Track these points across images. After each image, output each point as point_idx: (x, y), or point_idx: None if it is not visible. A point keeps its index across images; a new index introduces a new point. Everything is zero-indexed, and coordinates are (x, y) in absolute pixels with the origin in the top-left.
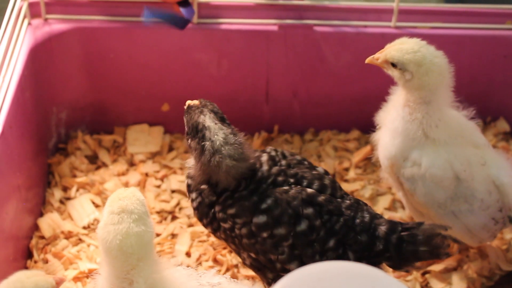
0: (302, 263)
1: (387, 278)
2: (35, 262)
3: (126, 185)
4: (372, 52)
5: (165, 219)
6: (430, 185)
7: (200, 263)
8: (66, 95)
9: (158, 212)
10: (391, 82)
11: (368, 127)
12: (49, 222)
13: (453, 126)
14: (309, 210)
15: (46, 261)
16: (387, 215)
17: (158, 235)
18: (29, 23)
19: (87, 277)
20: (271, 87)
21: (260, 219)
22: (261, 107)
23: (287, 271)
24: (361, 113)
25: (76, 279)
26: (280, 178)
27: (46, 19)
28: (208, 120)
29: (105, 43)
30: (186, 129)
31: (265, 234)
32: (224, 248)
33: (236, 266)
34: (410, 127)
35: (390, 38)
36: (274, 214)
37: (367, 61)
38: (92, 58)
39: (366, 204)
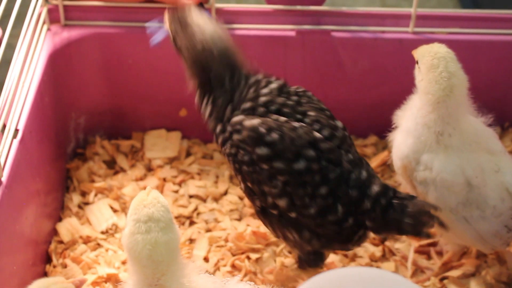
0: (291, 201)
1: (406, 282)
2: (54, 266)
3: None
4: (390, 58)
5: (183, 224)
6: (441, 190)
7: (218, 269)
8: (84, 100)
9: (176, 217)
10: (408, 87)
11: (386, 133)
12: (67, 227)
13: (468, 132)
14: (310, 153)
15: (65, 266)
16: None
17: None
18: (48, 29)
19: (106, 281)
20: None
21: (263, 150)
22: None
23: (276, 206)
24: (378, 119)
25: (94, 283)
26: (286, 110)
27: (65, 25)
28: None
29: (123, 49)
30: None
31: (264, 166)
32: (243, 253)
33: (255, 273)
34: (421, 130)
35: (408, 43)
36: (277, 148)
37: (413, 52)
38: (111, 64)
39: (369, 165)
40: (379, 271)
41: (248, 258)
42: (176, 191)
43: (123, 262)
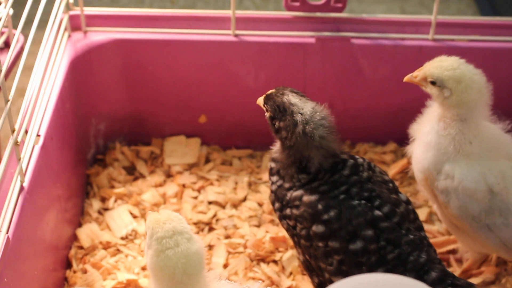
0: None
1: None
2: (74, 272)
3: (164, 196)
4: (410, 65)
5: (202, 230)
6: (464, 198)
7: (236, 274)
8: (104, 106)
9: (195, 223)
10: (427, 94)
11: (405, 140)
12: (87, 233)
13: (488, 139)
14: (368, 232)
15: (85, 271)
16: (425, 227)
17: None
18: (69, 36)
19: (125, 287)
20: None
21: (319, 228)
22: None
23: (332, 282)
24: (397, 126)
25: None
26: (354, 189)
27: (86, 32)
28: (292, 97)
29: (143, 55)
30: (270, 115)
31: (320, 244)
32: (261, 260)
33: (273, 279)
34: (442, 142)
35: (428, 50)
36: (333, 226)
37: (405, 80)
38: (131, 70)
39: (431, 246)
40: (403, 278)
41: (267, 263)
42: (195, 197)
43: (143, 268)
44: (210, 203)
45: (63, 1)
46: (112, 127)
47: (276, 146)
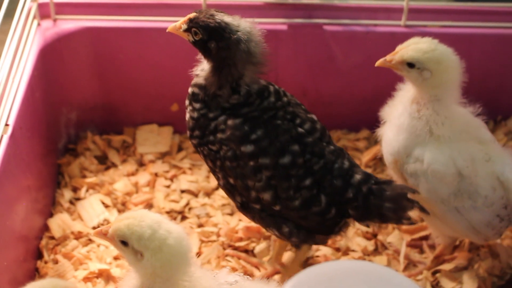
0: (276, 194)
1: (398, 276)
2: (45, 262)
3: (136, 185)
4: (382, 51)
5: (175, 219)
6: (433, 181)
7: (209, 263)
8: (75, 95)
9: (167, 212)
10: (400, 80)
11: (378, 126)
12: (59, 223)
13: (458, 122)
14: (294, 147)
15: (56, 262)
16: None
17: None
18: (39, 24)
19: (97, 277)
20: (281, 86)
21: (248, 148)
22: None
23: (259, 200)
24: (370, 112)
25: (86, 279)
26: (280, 113)
27: (55, 20)
28: (224, 17)
29: (114, 44)
30: (201, 38)
31: (250, 162)
32: (235, 248)
33: (246, 267)
34: (416, 124)
35: (400, 37)
36: (262, 144)
37: (377, 64)
38: (102, 59)
39: (348, 154)
40: (370, 264)
41: (240, 252)
42: (168, 186)
43: (115, 258)
44: (182, 191)
45: None
46: (83, 116)
47: (203, 71)
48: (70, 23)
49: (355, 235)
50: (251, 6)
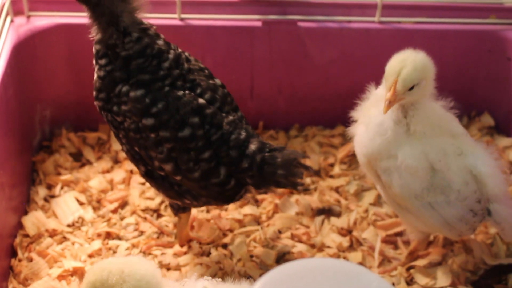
0: (176, 166)
1: (369, 274)
2: (20, 260)
3: (111, 182)
4: (356, 48)
5: (151, 216)
6: (406, 176)
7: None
8: (50, 92)
9: (143, 210)
10: (374, 77)
11: (353, 123)
12: (33, 220)
13: (431, 117)
14: (194, 120)
15: (30, 260)
16: (373, 210)
17: (142, 233)
18: (12, 21)
19: (72, 275)
20: (256, 83)
21: (149, 121)
22: (246, 103)
23: (162, 169)
24: (345, 109)
25: (60, 277)
26: (179, 83)
27: (29, 16)
28: None
29: (89, 40)
30: None
31: (151, 135)
32: (209, 243)
33: (218, 263)
34: (398, 129)
35: (374, 33)
36: (162, 118)
37: (385, 112)
38: (76, 55)
39: (248, 124)
40: (342, 262)
41: (216, 248)
42: (143, 183)
43: (90, 255)
44: None
45: None
46: (58, 113)
47: (93, 29)
48: (44, 20)
49: (330, 231)
50: (226, 3)
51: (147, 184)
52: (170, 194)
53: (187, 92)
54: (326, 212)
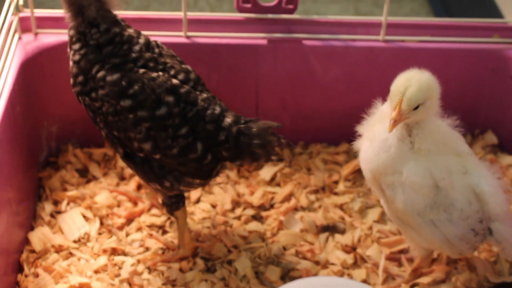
0: (155, 144)
1: None
2: (26, 276)
3: (117, 198)
4: (361, 66)
5: (157, 232)
6: (410, 192)
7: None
8: (56, 109)
9: (148, 226)
10: (379, 95)
11: (358, 138)
12: (39, 236)
13: (437, 135)
14: (170, 98)
15: (36, 275)
16: (377, 227)
17: (148, 249)
18: (20, 38)
19: None
20: (261, 100)
21: (126, 102)
22: None
23: (141, 150)
24: (350, 126)
25: None
26: (151, 64)
27: (36, 34)
28: None
29: None
30: None
31: (130, 115)
32: (216, 259)
33: (223, 279)
34: (403, 146)
35: (379, 51)
36: (139, 98)
37: (390, 130)
38: None
39: (221, 101)
40: (347, 281)
41: (221, 264)
42: None
43: (95, 271)
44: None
45: (12, 2)
46: (64, 129)
47: (67, 16)
48: (51, 37)
49: (334, 248)
50: (231, 21)
51: None
52: (150, 177)
53: (161, 73)
54: (331, 229)
